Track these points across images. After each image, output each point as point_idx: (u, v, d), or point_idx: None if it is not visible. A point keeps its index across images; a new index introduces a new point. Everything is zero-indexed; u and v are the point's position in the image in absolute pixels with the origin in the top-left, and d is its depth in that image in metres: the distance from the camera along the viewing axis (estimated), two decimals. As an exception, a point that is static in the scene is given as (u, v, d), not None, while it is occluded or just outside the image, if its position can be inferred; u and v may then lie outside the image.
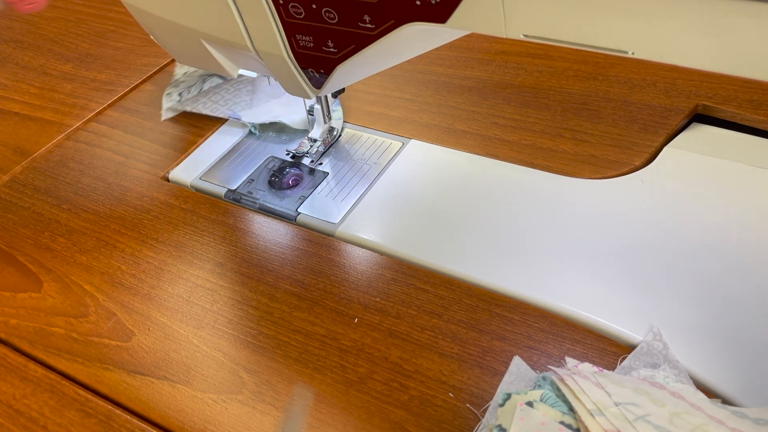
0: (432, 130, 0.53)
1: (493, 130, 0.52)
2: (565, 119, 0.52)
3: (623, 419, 0.28)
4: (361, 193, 0.48)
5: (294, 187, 0.50)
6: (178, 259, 0.45)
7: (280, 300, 0.42)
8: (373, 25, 0.32)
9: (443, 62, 0.61)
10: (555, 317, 0.38)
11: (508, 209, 0.45)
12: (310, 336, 0.39)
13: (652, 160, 0.48)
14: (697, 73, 0.54)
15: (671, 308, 0.38)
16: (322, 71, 0.37)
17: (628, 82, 0.55)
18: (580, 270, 0.41)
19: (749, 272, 0.39)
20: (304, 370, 0.37)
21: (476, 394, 0.35)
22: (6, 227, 0.50)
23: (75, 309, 0.43)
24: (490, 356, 0.37)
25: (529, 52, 0.61)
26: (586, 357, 0.36)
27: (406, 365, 0.37)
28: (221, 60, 0.45)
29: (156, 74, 0.66)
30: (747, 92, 0.51)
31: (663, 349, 0.35)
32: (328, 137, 0.53)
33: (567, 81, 0.57)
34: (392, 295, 0.41)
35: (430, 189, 0.48)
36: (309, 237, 0.46)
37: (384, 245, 0.44)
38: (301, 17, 0.34)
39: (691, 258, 0.40)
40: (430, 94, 0.58)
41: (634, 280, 0.39)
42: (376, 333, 0.39)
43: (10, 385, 0.39)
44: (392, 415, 0.35)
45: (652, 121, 0.51)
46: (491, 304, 0.39)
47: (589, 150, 0.49)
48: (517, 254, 0.42)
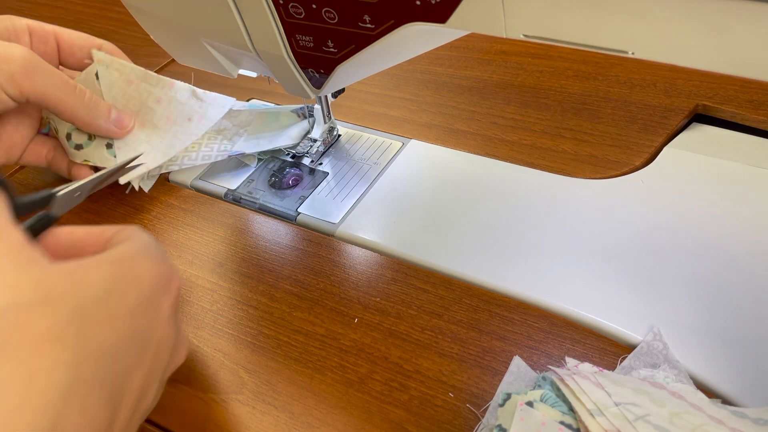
0: (432, 130, 0.53)
1: (493, 130, 0.52)
2: (565, 119, 0.52)
3: (623, 419, 0.28)
4: (361, 193, 0.48)
5: (294, 187, 0.50)
6: (178, 259, 0.45)
7: (280, 300, 0.42)
8: (373, 25, 0.32)
9: (443, 62, 0.61)
10: (555, 317, 0.38)
11: (508, 209, 0.45)
12: (310, 336, 0.39)
13: (652, 160, 0.48)
14: (697, 73, 0.54)
15: (671, 308, 0.38)
16: (322, 71, 0.37)
17: (628, 82, 0.55)
18: (580, 270, 0.41)
19: (750, 272, 0.39)
20: (304, 370, 0.37)
21: (476, 394, 0.35)
22: (6, 227, 0.50)
23: (75, 309, 0.43)
24: (490, 356, 0.37)
25: (529, 52, 0.61)
26: (586, 357, 0.36)
27: (406, 365, 0.37)
28: (221, 60, 0.44)
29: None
30: (747, 92, 0.51)
31: (663, 349, 0.35)
32: (328, 137, 0.53)
33: (567, 81, 0.57)
34: (392, 295, 0.41)
35: (430, 189, 0.48)
36: (309, 237, 0.46)
37: (384, 245, 0.44)
38: (301, 17, 0.34)
39: (691, 258, 0.40)
40: (430, 94, 0.58)
41: (634, 280, 0.40)
42: (376, 333, 0.39)
43: (10, 385, 0.39)
44: (392, 415, 0.35)
45: (652, 121, 0.51)
46: (491, 304, 0.39)
47: (589, 150, 0.49)
48: (517, 254, 0.42)
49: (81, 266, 0.26)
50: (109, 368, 0.25)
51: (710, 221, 0.42)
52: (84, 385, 0.23)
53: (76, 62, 0.50)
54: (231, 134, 0.53)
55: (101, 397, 0.24)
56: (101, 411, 0.24)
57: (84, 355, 0.24)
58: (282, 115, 0.55)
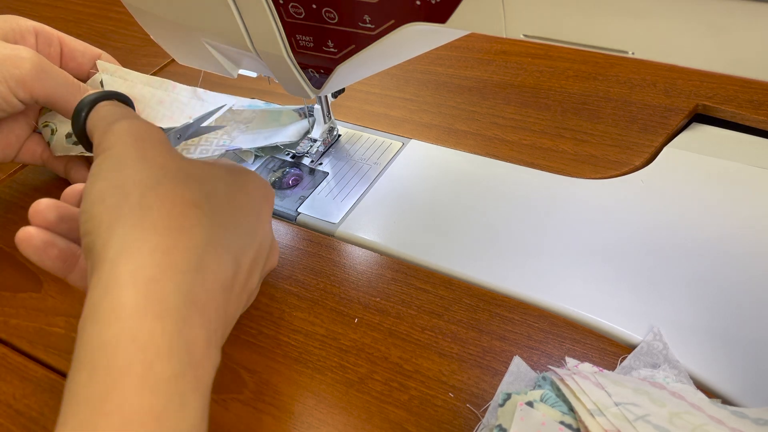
0: (432, 130, 0.53)
1: (493, 130, 0.52)
2: (565, 119, 0.52)
3: (623, 419, 0.28)
4: (361, 193, 0.48)
5: (294, 187, 0.50)
6: (178, 259, 0.45)
7: (280, 300, 0.42)
8: (373, 25, 0.32)
9: (443, 62, 0.61)
10: (555, 317, 0.38)
11: (509, 209, 0.45)
12: (310, 336, 0.39)
13: (652, 160, 0.48)
14: (697, 73, 0.54)
15: (671, 308, 0.38)
16: (322, 71, 0.37)
17: (628, 82, 0.55)
18: (580, 270, 0.41)
19: (750, 272, 0.39)
20: (304, 370, 0.37)
21: (476, 394, 0.35)
22: (6, 227, 0.50)
23: (75, 309, 0.43)
24: (490, 356, 0.37)
25: (529, 52, 0.61)
26: (586, 357, 0.36)
27: (406, 365, 0.37)
28: (221, 60, 0.44)
29: (156, 74, 0.66)
30: (747, 92, 0.51)
31: (663, 349, 0.35)
32: (328, 137, 0.53)
33: (567, 81, 0.57)
34: (392, 295, 0.41)
35: (430, 189, 0.48)
36: (309, 237, 0.46)
37: (384, 245, 0.44)
38: (301, 17, 0.34)
39: (691, 258, 0.40)
40: (430, 94, 0.58)
41: (634, 280, 0.39)
42: (376, 333, 0.39)
43: (10, 385, 0.39)
44: (392, 415, 0.35)
45: (652, 121, 0.51)
46: (491, 304, 0.39)
47: (589, 150, 0.49)
48: (517, 254, 0.42)
49: (209, 164, 0.34)
50: (231, 239, 0.31)
51: (710, 221, 0.42)
52: (216, 243, 0.30)
53: (77, 66, 0.51)
54: (230, 130, 0.53)
55: (227, 259, 0.30)
56: (228, 266, 0.30)
57: (216, 222, 0.31)
58: (283, 114, 0.55)
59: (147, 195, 0.29)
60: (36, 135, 0.50)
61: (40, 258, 0.35)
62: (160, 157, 0.31)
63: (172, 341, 0.26)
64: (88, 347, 0.26)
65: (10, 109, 0.44)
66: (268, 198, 0.36)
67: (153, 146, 0.32)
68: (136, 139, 0.32)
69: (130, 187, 0.29)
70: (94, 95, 0.37)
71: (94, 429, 0.24)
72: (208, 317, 0.28)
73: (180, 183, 0.30)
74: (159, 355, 0.25)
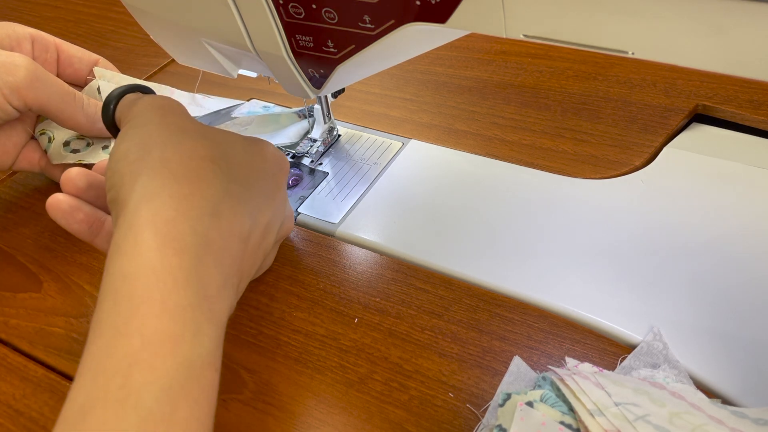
0: (432, 130, 0.53)
1: (493, 130, 0.52)
2: (565, 119, 0.52)
3: (623, 419, 0.28)
4: (361, 193, 0.48)
5: (294, 187, 0.50)
6: (178, 259, 0.45)
7: (280, 300, 0.42)
8: (373, 25, 0.32)
9: (443, 62, 0.61)
10: (555, 317, 0.38)
11: (508, 209, 0.45)
12: (310, 336, 0.39)
13: (652, 160, 0.48)
14: (697, 73, 0.54)
15: (671, 308, 0.38)
16: (322, 71, 0.37)
17: (628, 82, 0.55)
18: (580, 270, 0.41)
19: (750, 272, 0.39)
20: (304, 370, 0.37)
21: (476, 394, 0.35)
22: (6, 227, 0.50)
23: (75, 309, 0.43)
24: (490, 356, 0.37)
25: (529, 52, 0.61)
26: (586, 357, 0.36)
27: (406, 365, 0.37)
28: (221, 60, 0.44)
29: (156, 74, 0.66)
30: (747, 92, 0.51)
31: (663, 349, 0.35)
32: (328, 137, 0.53)
33: (567, 81, 0.57)
34: (392, 295, 0.41)
35: (430, 189, 0.48)
36: (309, 237, 0.46)
37: (384, 245, 0.44)
38: (301, 17, 0.34)
39: (691, 258, 0.40)
40: (430, 94, 0.58)
41: (634, 280, 0.39)
42: (376, 333, 0.39)
43: (10, 385, 0.39)
44: (392, 415, 0.35)
45: (652, 121, 0.51)
46: (491, 304, 0.39)
47: (589, 150, 0.49)
48: (517, 254, 0.42)
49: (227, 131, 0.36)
50: (248, 195, 0.34)
51: (710, 221, 0.42)
52: (233, 196, 0.33)
53: (74, 73, 0.51)
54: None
55: (243, 211, 0.33)
56: (244, 219, 0.33)
57: (232, 177, 0.33)
58: (283, 116, 0.55)
59: (167, 150, 0.32)
60: (33, 142, 0.50)
61: (67, 221, 0.37)
62: (180, 122, 0.34)
63: (189, 274, 0.29)
64: (112, 279, 0.28)
65: (5, 116, 0.44)
66: (283, 167, 0.38)
67: (174, 114, 0.35)
68: (158, 108, 0.35)
69: (151, 145, 0.32)
70: (122, 89, 0.39)
71: (117, 348, 0.26)
72: (222, 260, 0.31)
73: (198, 141, 0.33)
74: (176, 286, 0.28)
